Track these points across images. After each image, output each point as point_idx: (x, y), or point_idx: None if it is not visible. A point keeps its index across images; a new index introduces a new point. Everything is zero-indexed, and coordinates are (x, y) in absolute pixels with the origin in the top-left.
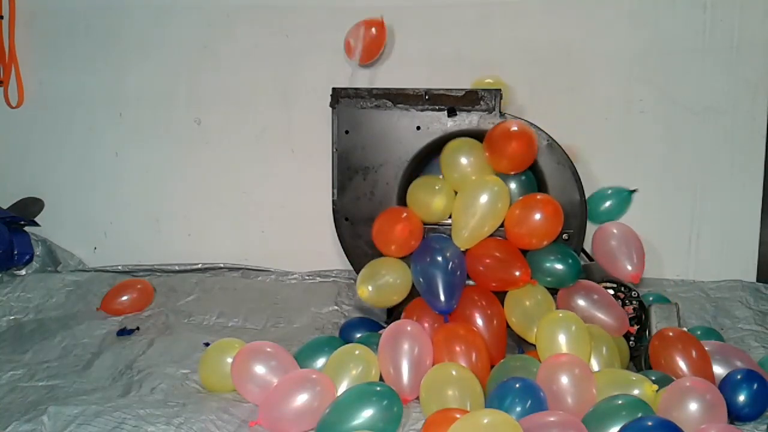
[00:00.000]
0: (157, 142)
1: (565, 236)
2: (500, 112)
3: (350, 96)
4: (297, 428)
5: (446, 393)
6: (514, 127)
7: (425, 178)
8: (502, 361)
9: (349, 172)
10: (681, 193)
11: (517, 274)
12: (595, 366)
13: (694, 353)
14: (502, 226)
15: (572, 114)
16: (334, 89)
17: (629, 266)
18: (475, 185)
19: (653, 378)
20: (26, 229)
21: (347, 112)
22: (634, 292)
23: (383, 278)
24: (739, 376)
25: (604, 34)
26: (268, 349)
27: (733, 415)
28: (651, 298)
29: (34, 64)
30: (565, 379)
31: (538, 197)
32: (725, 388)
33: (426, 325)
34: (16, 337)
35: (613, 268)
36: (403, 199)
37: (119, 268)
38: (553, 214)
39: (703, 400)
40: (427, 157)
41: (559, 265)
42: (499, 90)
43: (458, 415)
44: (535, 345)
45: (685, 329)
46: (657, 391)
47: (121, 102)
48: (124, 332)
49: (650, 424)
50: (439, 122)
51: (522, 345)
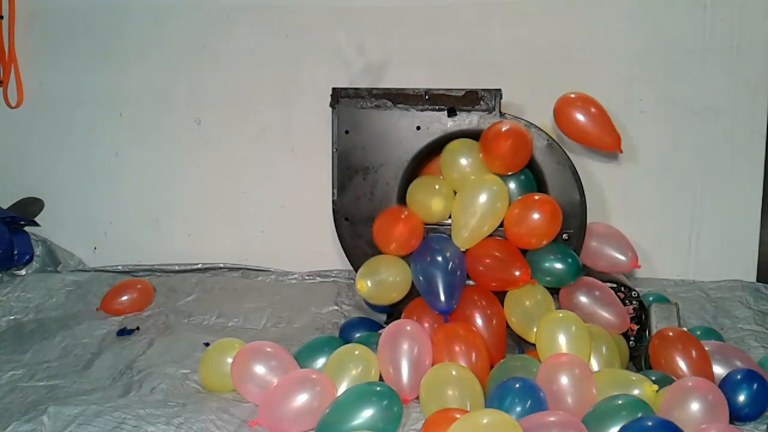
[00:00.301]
0: (157, 142)
1: (565, 236)
2: (500, 112)
3: (350, 96)
4: (297, 428)
5: (446, 393)
6: (506, 127)
7: (425, 178)
8: (502, 361)
9: (349, 172)
10: (681, 193)
11: (517, 274)
12: (595, 366)
13: (694, 353)
14: (502, 225)
15: None
16: (334, 89)
17: (623, 257)
18: (474, 185)
19: (653, 378)
20: (26, 229)
21: (347, 112)
22: (634, 292)
23: (383, 275)
24: (739, 376)
25: (604, 34)
26: (268, 349)
27: (733, 415)
28: (651, 298)
29: (34, 64)
30: (565, 379)
31: (537, 197)
32: (725, 388)
33: (426, 325)
34: (16, 337)
35: (609, 265)
36: (403, 199)
37: (119, 268)
38: (552, 214)
39: (705, 400)
40: (427, 157)
41: (559, 265)
42: (499, 90)
43: (458, 415)
44: (535, 345)
45: (685, 329)
46: (657, 391)
47: (121, 102)
48: (124, 332)
49: (650, 424)
50: (439, 122)
51: (522, 345)
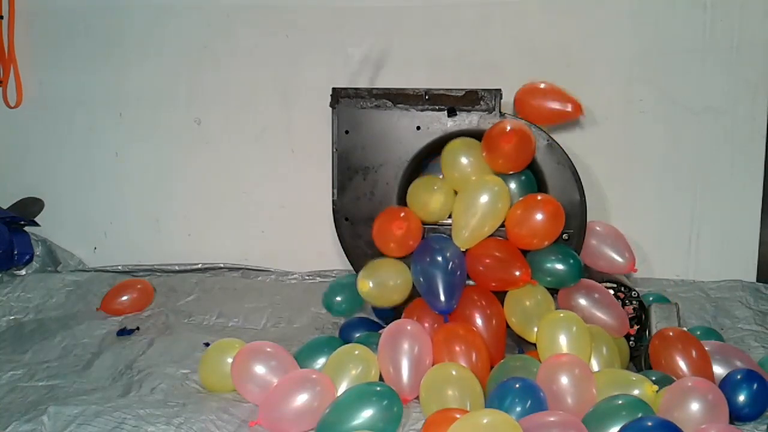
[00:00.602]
0: (157, 142)
1: (565, 236)
2: (500, 112)
3: (350, 96)
4: (297, 428)
5: (446, 393)
6: (510, 126)
7: (425, 178)
8: (502, 361)
9: (349, 172)
10: (681, 193)
11: (517, 274)
12: (595, 366)
13: (694, 353)
14: (503, 226)
15: None
16: (334, 89)
17: (621, 259)
18: (475, 185)
19: (653, 378)
20: (26, 229)
21: (347, 112)
22: (634, 292)
23: (383, 277)
24: (739, 376)
25: (604, 35)
26: (268, 349)
27: (733, 415)
28: (651, 298)
29: (34, 64)
30: (565, 379)
31: (539, 198)
32: (725, 388)
33: (426, 325)
34: (16, 337)
35: (607, 265)
36: (403, 199)
37: (119, 268)
38: (554, 215)
39: (704, 400)
40: (427, 157)
41: (560, 266)
42: (499, 90)
43: (458, 415)
44: (535, 345)
45: (685, 329)
46: (657, 392)
47: (121, 102)
48: (124, 332)
49: (650, 424)
50: (439, 122)
51: (522, 345)
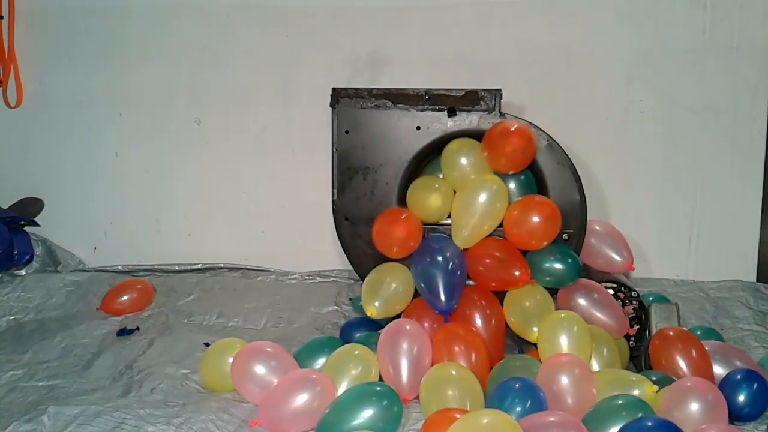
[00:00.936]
0: (157, 142)
1: (565, 236)
2: (500, 112)
3: (350, 96)
4: (297, 428)
5: (446, 393)
6: (513, 126)
7: (425, 178)
8: (502, 361)
9: (349, 172)
10: (681, 193)
11: (517, 274)
12: (595, 366)
13: (694, 353)
14: (502, 225)
15: (572, 114)
16: (334, 89)
17: (619, 257)
18: (474, 184)
19: (653, 378)
20: (26, 229)
21: (347, 112)
22: (634, 292)
23: (387, 291)
24: (739, 376)
25: (604, 34)
26: (268, 349)
27: (733, 415)
28: (651, 298)
29: (34, 64)
30: (565, 380)
31: (537, 199)
32: (725, 388)
33: (426, 324)
34: (16, 337)
35: (606, 264)
36: (403, 199)
37: (119, 268)
38: (550, 217)
39: (704, 400)
40: (427, 157)
41: (559, 265)
42: (499, 90)
43: (458, 415)
44: (534, 345)
45: (685, 329)
46: (657, 392)
47: (121, 102)
48: (124, 332)
49: (650, 424)
50: (439, 122)
51: (522, 345)
